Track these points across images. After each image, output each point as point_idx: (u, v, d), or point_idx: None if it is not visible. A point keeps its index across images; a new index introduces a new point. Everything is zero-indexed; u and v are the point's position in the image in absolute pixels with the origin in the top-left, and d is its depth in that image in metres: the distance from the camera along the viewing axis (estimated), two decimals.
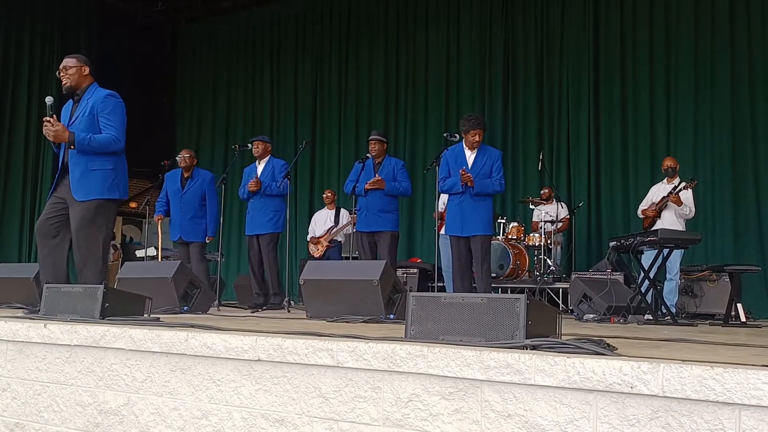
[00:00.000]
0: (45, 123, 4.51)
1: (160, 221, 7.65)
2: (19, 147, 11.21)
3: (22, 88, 11.28)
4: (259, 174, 7.23)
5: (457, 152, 6.25)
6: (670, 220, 7.02)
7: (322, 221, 9.09)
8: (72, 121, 4.63)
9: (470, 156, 6.18)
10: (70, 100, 4.72)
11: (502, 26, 10.35)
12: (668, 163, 7.38)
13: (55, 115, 4.53)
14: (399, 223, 6.99)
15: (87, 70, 4.67)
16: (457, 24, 10.77)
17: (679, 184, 7.04)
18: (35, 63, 11.41)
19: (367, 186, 6.72)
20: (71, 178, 4.54)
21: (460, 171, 6.03)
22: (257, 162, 7.34)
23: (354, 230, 8.89)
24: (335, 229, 8.79)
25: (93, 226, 4.49)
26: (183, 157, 7.48)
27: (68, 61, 4.66)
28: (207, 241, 7.46)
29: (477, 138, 6.14)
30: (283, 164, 7.28)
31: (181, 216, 7.35)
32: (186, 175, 7.46)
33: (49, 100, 4.55)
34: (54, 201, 4.64)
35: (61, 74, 4.63)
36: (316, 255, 8.61)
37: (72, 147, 4.49)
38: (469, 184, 6.02)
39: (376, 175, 6.79)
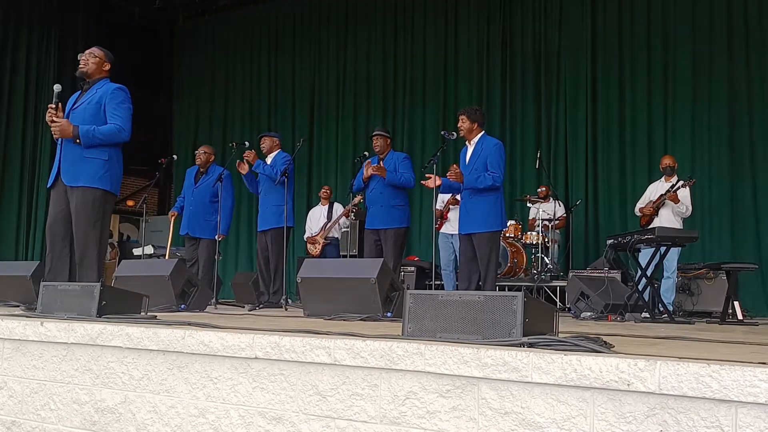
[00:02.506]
0: (49, 110, 4.52)
1: (173, 217, 7.64)
2: (16, 145, 11.21)
3: (19, 86, 11.27)
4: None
5: (464, 149, 6.12)
6: (667, 218, 7.03)
7: (316, 218, 9.05)
8: (76, 106, 4.63)
9: (469, 151, 6.02)
10: (78, 91, 4.74)
11: (500, 23, 10.36)
12: (666, 161, 7.39)
13: (60, 103, 4.54)
14: (407, 219, 6.68)
15: (107, 66, 4.74)
16: (455, 21, 10.77)
17: (677, 182, 7.05)
18: (32, 61, 11.40)
19: (367, 172, 6.55)
20: (63, 163, 4.56)
21: (448, 173, 5.93)
22: (266, 158, 7.30)
23: (349, 225, 8.88)
24: (329, 224, 8.74)
25: (90, 220, 4.50)
26: (200, 153, 7.50)
27: (95, 50, 4.72)
28: (218, 239, 7.30)
29: (460, 124, 5.96)
30: (284, 156, 7.22)
31: (190, 211, 7.33)
32: (201, 171, 7.47)
33: (57, 87, 4.58)
34: (57, 199, 4.63)
35: (84, 58, 4.66)
36: (314, 254, 8.58)
37: (77, 141, 4.48)
38: (458, 180, 5.86)
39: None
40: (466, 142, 6.05)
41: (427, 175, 5.88)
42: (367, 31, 11.58)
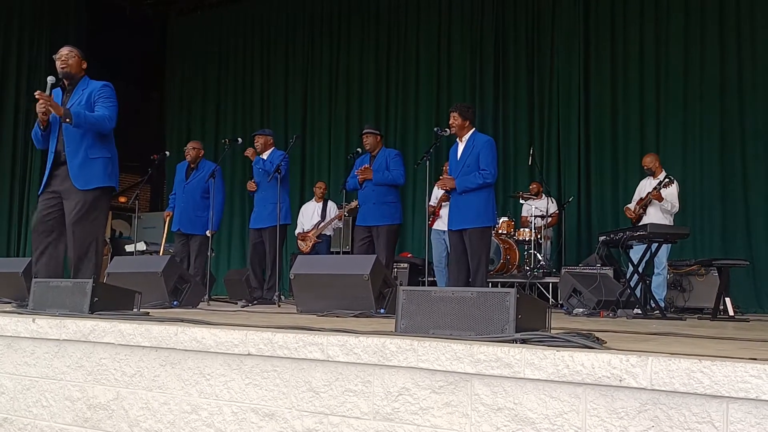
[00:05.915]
0: (39, 97, 4.45)
1: (168, 217, 7.60)
2: (7, 142, 11.13)
3: (9, 83, 11.19)
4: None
5: (454, 146, 6.12)
6: (655, 216, 7.05)
7: (309, 214, 8.96)
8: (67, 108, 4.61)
9: (460, 148, 6.00)
10: (59, 91, 4.69)
11: (493, 21, 10.36)
12: (644, 163, 7.39)
13: (52, 95, 4.52)
14: (400, 216, 6.69)
15: (85, 65, 4.73)
16: (448, 18, 10.77)
17: (663, 179, 7.07)
18: (23, 58, 11.31)
19: (359, 178, 6.63)
20: (71, 167, 4.53)
21: (436, 184, 5.94)
22: (262, 156, 7.26)
23: (342, 223, 8.86)
24: (323, 224, 8.71)
25: (90, 218, 4.49)
26: (188, 148, 7.46)
27: (70, 50, 4.68)
28: (209, 235, 7.21)
29: (451, 121, 5.94)
30: (281, 154, 7.18)
31: (181, 207, 7.30)
32: (192, 167, 7.42)
33: (51, 79, 4.56)
34: (48, 196, 4.60)
35: (61, 59, 4.62)
36: (305, 251, 8.55)
37: (67, 120, 4.44)
38: (448, 187, 5.93)
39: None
40: (457, 139, 6.05)
41: (437, 183, 5.95)
42: (360, 27, 11.55)
